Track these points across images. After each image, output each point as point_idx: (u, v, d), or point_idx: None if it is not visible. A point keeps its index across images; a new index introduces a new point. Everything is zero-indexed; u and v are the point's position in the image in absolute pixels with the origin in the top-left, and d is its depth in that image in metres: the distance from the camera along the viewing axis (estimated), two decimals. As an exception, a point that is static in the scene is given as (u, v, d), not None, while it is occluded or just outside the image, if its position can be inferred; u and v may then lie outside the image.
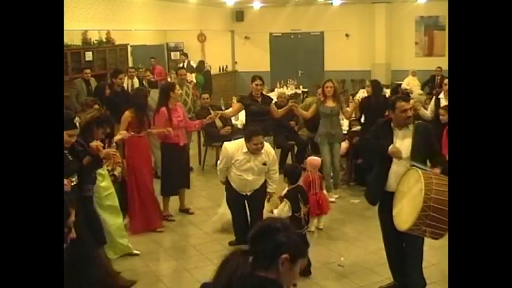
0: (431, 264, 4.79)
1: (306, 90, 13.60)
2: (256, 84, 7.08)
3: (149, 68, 11.33)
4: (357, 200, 7.09)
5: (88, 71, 9.54)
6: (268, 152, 5.29)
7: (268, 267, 1.82)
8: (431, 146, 4.23)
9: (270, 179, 5.38)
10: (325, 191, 6.24)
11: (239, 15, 17.10)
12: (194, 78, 12.81)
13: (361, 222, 6.31)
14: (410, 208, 3.80)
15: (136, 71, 11.53)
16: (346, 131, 7.82)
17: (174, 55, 16.68)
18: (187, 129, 6.73)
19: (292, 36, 16.96)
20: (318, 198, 5.96)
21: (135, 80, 10.88)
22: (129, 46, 14.14)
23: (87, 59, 11.73)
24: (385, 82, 14.46)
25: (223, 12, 16.63)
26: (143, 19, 12.78)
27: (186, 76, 9.44)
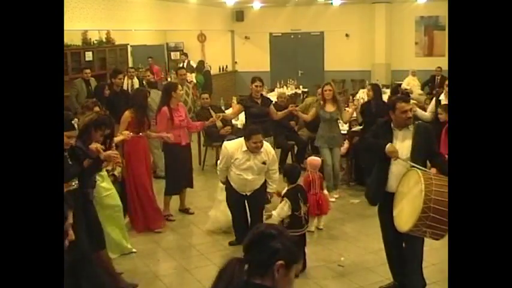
0: (431, 264, 4.79)
1: (306, 90, 13.60)
2: (256, 85, 7.08)
3: (155, 67, 11.30)
4: (357, 200, 7.09)
5: (88, 71, 9.54)
6: (267, 151, 5.29)
7: (263, 274, 1.82)
8: (431, 147, 4.23)
9: (270, 179, 5.38)
10: (325, 191, 6.23)
11: (239, 15, 17.10)
12: (194, 78, 12.80)
13: (361, 222, 6.32)
14: (410, 209, 3.81)
15: (136, 71, 11.53)
16: (346, 131, 7.82)
17: (174, 55, 16.68)
18: (188, 129, 6.74)
19: (292, 36, 16.96)
20: (318, 198, 5.97)
21: (135, 80, 10.88)
22: (129, 46, 14.13)
23: (87, 59, 11.72)
24: (385, 82, 14.47)
25: (223, 12, 16.63)
26: (143, 19, 12.78)
27: (186, 76, 9.43)
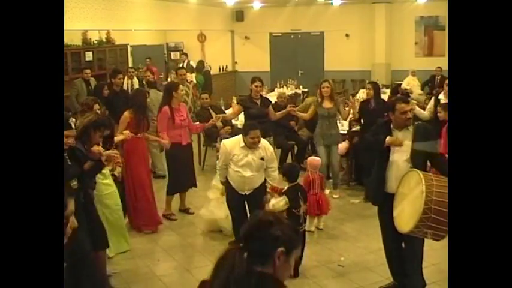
0: (431, 264, 4.79)
1: (306, 90, 13.59)
2: (256, 85, 7.07)
3: (152, 68, 11.31)
4: (357, 200, 7.10)
5: (88, 71, 9.54)
6: (265, 148, 5.24)
7: (264, 262, 1.81)
8: (431, 147, 4.23)
9: (269, 177, 5.33)
10: (326, 191, 6.23)
11: (239, 15, 17.09)
12: (194, 78, 12.80)
13: (361, 222, 6.32)
14: (411, 210, 3.80)
15: (136, 71, 11.52)
16: (346, 131, 7.82)
17: (174, 55, 16.67)
18: (189, 130, 6.76)
19: (292, 36, 16.95)
20: (318, 198, 5.97)
21: (135, 80, 10.88)
22: (129, 46, 14.13)
23: (87, 59, 11.72)
24: (385, 82, 14.46)
25: (223, 12, 16.62)
26: (143, 19, 12.78)
27: (186, 76, 9.44)
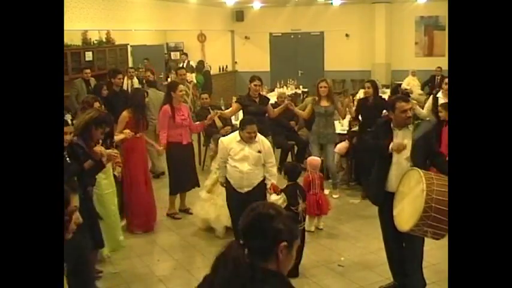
0: (431, 264, 4.79)
1: (306, 90, 13.60)
2: (255, 84, 7.05)
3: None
4: (357, 200, 7.10)
5: (88, 71, 9.54)
6: (262, 141, 5.22)
7: (267, 257, 1.77)
8: (431, 146, 4.23)
9: (268, 173, 5.27)
10: (326, 191, 6.22)
11: (239, 15, 17.10)
12: (194, 78, 12.80)
13: (361, 222, 6.32)
14: (411, 209, 3.80)
15: (136, 71, 11.52)
16: (346, 131, 7.82)
17: (174, 55, 16.67)
18: (190, 130, 6.77)
19: (292, 36, 16.95)
20: (318, 198, 5.97)
21: (135, 80, 10.87)
22: (129, 46, 14.13)
23: (87, 59, 11.72)
24: (385, 82, 14.47)
25: (223, 12, 16.63)
26: (143, 19, 12.78)
27: (186, 76, 9.44)
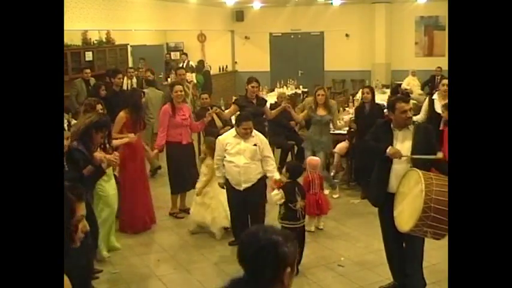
0: (431, 264, 4.79)
1: (306, 90, 13.60)
2: (252, 86, 7.01)
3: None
4: (357, 200, 7.10)
5: (88, 71, 9.56)
6: (258, 136, 5.24)
7: (273, 285, 1.75)
8: (431, 147, 4.23)
9: (267, 167, 5.26)
10: (326, 191, 6.22)
11: (239, 15, 17.09)
12: (194, 78, 12.79)
13: (361, 222, 6.31)
14: (411, 209, 3.80)
15: (136, 71, 11.51)
16: (346, 131, 7.83)
17: (174, 55, 16.66)
18: (191, 130, 6.79)
19: (292, 36, 16.95)
20: (318, 198, 5.96)
21: (134, 80, 10.87)
22: (129, 46, 14.13)
23: (87, 59, 11.72)
24: (385, 82, 14.47)
25: (223, 12, 16.62)
26: (143, 19, 12.78)
27: (185, 76, 9.44)
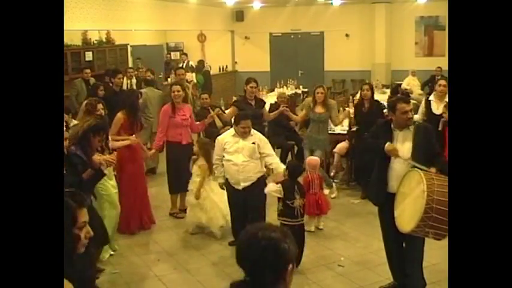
0: (431, 264, 4.78)
1: (306, 90, 13.59)
2: (251, 86, 7.01)
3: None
4: (357, 200, 7.09)
5: (88, 71, 9.57)
6: (256, 134, 5.25)
7: (276, 285, 1.75)
8: (431, 147, 4.22)
9: (271, 162, 5.26)
10: (326, 191, 6.22)
11: (239, 15, 17.09)
12: (194, 78, 12.78)
13: (361, 222, 6.31)
14: (412, 210, 3.79)
15: (136, 71, 11.51)
16: (346, 131, 7.83)
17: (174, 55, 16.66)
18: (191, 130, 6.79)
19: (292, 36, 16.95)
20: (317, 198, 5.96)
21: (134, 80, 10.87)
22: (129, 46, 14.13)
23: (87, 59, 11.72)
24: (385, 82, 14.47)
25: (223, 12, 16.62)
26: (143, 19, 12.77)
27: (184, 76, 9.45)
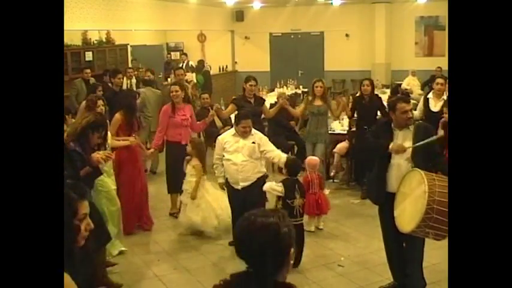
0: (431, 264, 4.78)
1: (306, 90, 13.58)
2: (250, 84, 6.98)
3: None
4: (357, 200, 7.10)
5: (88, 71, 9.58)
6: (257, 135, 5.27)
7: (280, 270, 1.75)
8: (431, 147, 4.22)
9: (273, 155, 5.25)
10: (325, 191, 6.21)
11: (239, 15, 17.10)
12: (194, 78, 12.79)
13: (361, 222, 6.31)
14: (413, 210, 3.78)
15: (136, 71, 11.52)
16: (346, 131, 7.84)
17: (174, 55, 16.67)
18: (192, 130, 6.80)
19: (292, 36, 16.96)
20: (317, 197, 5.95)
21: (134, 80, 10.89)
22: (129, 46, 14.13)
23: (87, 59, 11.73)
24: (385, 82, 14.48)
25: (223, 12, 16.63)
26: (143, 19, 12.78)
27: (184, 76, 9.45)
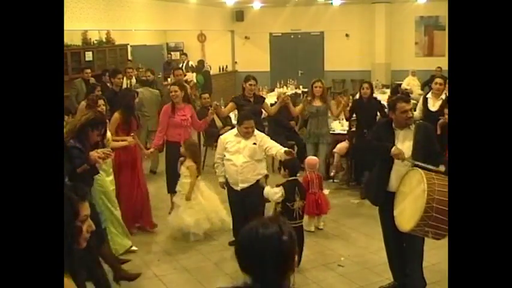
0: (431, 264, 4.78)
1: (306, 90, 13.58)
2: (250, 84, 6.96)
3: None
4: (357, 200, 7.10)
5: (88, 71, 9.59)
6: (258, 135, 5.29)
7: (284, 279, 1.74)
8: (432, 146, 4.23)
9: (273, 150, 5.23)
10: (325, 191, 6.21)
11: (239, 15, 17.10)
12: (194, 78, 12.79)
13: (361, 222, 6.31)
14: (412, 209, 3.79)
15: (136, 71, 11.51)
16: (346, 131, 7.84)
17: (174, 55, 16.67)
18: (195, 128, 6.81)
19: (292, 36, 16.96)
20: (317, 197, 5.95)
21: (134, 80, 10.87)
22: (129, 46, 14.14)
23: (87, 59, 11.73)
24: (385, 82, 14.48)
25: (223, 12, 16.63)
26: (143, 19, 12.78)
27: (183, 76, 9.45)
